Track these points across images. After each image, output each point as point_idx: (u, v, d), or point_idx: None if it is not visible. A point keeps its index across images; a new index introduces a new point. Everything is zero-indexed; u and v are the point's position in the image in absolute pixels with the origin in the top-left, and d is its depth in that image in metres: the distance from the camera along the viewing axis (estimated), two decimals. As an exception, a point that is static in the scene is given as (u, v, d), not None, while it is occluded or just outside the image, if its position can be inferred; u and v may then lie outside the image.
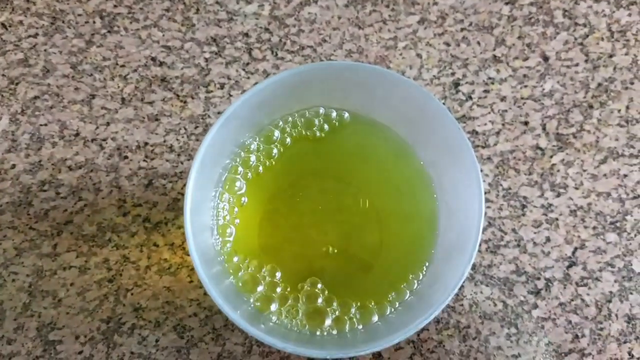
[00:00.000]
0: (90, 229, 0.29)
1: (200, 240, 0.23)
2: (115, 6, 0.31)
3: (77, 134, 0.30)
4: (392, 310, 0.25)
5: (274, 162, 0.27)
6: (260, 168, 0.27)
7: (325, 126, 0.27)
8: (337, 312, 0.25)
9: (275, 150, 0.27)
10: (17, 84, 0.30)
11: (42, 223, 0.29)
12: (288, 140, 0.27)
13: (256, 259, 0.26)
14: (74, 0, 0.32)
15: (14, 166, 0.29)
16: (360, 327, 0.25)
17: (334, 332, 0.25)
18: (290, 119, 0.27)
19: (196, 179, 0.22)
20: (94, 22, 0.31)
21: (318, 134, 0.27)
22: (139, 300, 0.28)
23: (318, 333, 0.25)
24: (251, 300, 0.25)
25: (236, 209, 0.26)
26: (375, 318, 0.25)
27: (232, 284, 0.25)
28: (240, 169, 0.26)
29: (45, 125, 0.30)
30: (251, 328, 0.21)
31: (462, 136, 0.23)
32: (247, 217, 0.26)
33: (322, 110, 0.27)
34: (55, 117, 0.30)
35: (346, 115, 0.27)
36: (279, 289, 0.25)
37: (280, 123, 0.27)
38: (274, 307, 0.25)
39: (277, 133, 0.27)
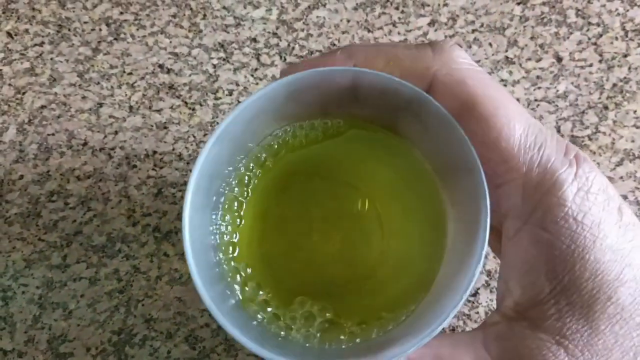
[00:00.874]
0: (100, 240, 0.28)
1: (205, 266, 0.22)
2: (121, 13, 0.31)
3: (85, 144, 0.29)
4: (406, 317, 0.25)
5: (271, 175, 0.26)
6: (256, 181, 0.26)
7: (325, 133, 0.26)
8: (348, 324, 0.25)
9: (271, 162, 0.26)
10: (23, 93, 0.30)
11: (51, 234, 0.28)
12: (285, 150, 0.26)
13: (260, 276, 0.25)
14: (80, 8, 0.31)
15: (22, 177, 0.29)
16: (373, 336, 0.25)
17: (344, 345, 0.24)
18: (289, 128, 0.26)
19: (192, 202, 0.21)
20: (100, 30, 0.31)
21: (317, 141, 0.26)
22: (150, 311, 0.27)
23: (327, 346, 0.24)
24: (259, 318, 0.24)
25: (238, 223, 0.26)
26: (390, 327, 0.25)
27: (239, 306, 0.24)
28: (236, 187, 0.26)
29: (53, 135, 0.30)
30: (267, 353, 0.20)
31: (467, 143, 0.22)
32: (249, 233, 0.26)
33: (320, 118, 0.27)
34: (63, 126, 0.30)
35: (345, 121, 0.27)
36: (286, 305, 0.25)
37: (279, 132, 0.26)
38: (282, 323, 0.24)
39: (275, 144, 0.26)
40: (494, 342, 0.19)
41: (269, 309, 0.25)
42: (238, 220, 0.26)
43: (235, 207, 0.26)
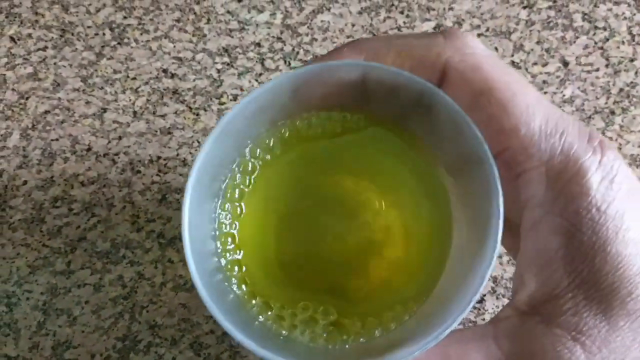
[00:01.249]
0: (104, 246, 0.28)
1: (204, 262, 0.22)
2: (125, 17, 0.31)
3: (89, 149, 0.29)
4: (409, 316, 0.25)
5: (278, 164, 0.26)
6: (261, 169, 0.25)
7: (343, 126, 0.26)
8: (351, 323, 0.25)
9: (279, 150, 0.26)
10: (27, 98, 0.30)
11: (55, 240, 0.28)
12: (297, 139, 0.26)
13: (260, 271, 0.25)
14: (83, 12, 0.31)
15: (25, 182, 0.29)
16: (376, 335, 0.24)
17: (347, 345, 0.24)
18: (298, 122, 0.26)
19: (192, 197, 0.21)
20: (104, 34, 0.31)
21: (333, 133, 0.26)
22: (154, 318, 0.27)
23: (330, 347, 0.24)
24: (259, 317, 0.24)
25: (238, 212, 0.25)
26: (392, 326, 0.25)
27: (239, 303, 0.24)
28: (239, 174, 0.25)
29: (57, 140, 0.29)
30: (268, 353, 0.20)
31: (479, 138, 0.22)
32: (249, 224, 0.25)
33: (338, 111, 0.26)
34: (67, 131, 0.30)
35: (357, 117, 0.26)
36: (288, 304, 0.25)
37: (292, 123, 0.26)
38: (285, 323, 0.24)
39: (287, 132, 0.26)
40: (505, 338, 0.19)
41: (271, 308, 0.25)
42: (238, 209, 0.25)
43: (237, 196, 0.25)
